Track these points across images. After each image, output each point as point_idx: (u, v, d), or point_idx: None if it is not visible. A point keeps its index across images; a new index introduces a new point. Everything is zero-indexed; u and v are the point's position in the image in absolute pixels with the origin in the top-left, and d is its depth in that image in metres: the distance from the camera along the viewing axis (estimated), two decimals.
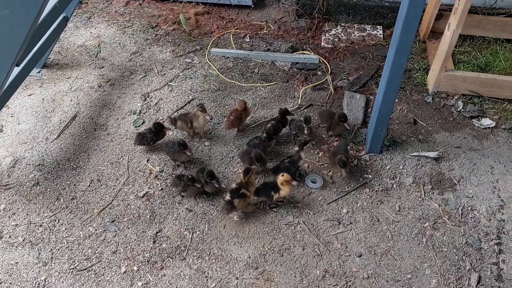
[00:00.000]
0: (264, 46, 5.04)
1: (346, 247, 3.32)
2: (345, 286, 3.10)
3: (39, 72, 4.53)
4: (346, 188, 3.70)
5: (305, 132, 3.82)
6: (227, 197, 3.31)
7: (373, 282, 3.14)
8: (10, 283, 3.00)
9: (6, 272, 3.05)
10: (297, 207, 3.55)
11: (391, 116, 4.22)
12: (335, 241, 3.35)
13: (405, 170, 3.83)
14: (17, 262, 3.10)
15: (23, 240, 3.22)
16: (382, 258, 3.27)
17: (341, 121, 3.86)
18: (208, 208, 3.49)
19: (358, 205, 3.59)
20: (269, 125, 3.87)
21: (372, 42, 5.15)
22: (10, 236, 3.24)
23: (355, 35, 5.23)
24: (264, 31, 5.30)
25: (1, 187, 3.52)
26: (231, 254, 3.23)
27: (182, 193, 3.52)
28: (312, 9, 5.31)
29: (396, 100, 4.43)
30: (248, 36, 5.20)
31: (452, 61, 4.62)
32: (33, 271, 3.07)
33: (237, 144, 4.00)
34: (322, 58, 4.87)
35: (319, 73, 4.76)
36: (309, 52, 4.95)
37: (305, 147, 3.73)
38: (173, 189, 3.56)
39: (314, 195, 3.64)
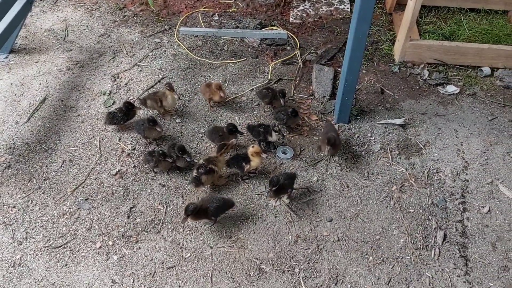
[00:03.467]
0: (233, 23, 5.06)
1: (317, 213, 3.42)
2: (316, 249, 3.21)
3: (6, 57, 4.48)
4: (316, 158, 3.78)
5: (282, 103, 3.91)
6: (194, 173, 3.37)
7: (343, 244, 3.25)
8: None
9: None
10: (269, 177, 3.62)
11: (358, 87, 4.33)
12: (306, 208, 3.44)
13: (373, 138, 3.93)
14: None
15: None
16: (351, 222, 3.38)
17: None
18: (181, 183, 3.55)
19: (328, 173, 3.68)
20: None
21: (340, 16, 5.22)
22: None
23: (323, 10, 5.28)
24: (233, 9, 5.32)
25: None
26: (205, 225, 3.30)
27: (154, 169, 3.57)
28: None
29: (364, 71, 4.52)
30: (216, 15, 5.21)
31: (417, 31, 4.72)
32: (8, 250, 3.09)
33: (208, 120, 4.04)
34: (290, 34, 4.92)
35: (288, 48, 4.82)
36: (277, 28, 4.99)
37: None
38: (146, 166, 3.60)
39: (285, 165, 3.73)
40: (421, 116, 4.11)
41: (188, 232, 3.26)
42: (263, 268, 3.09)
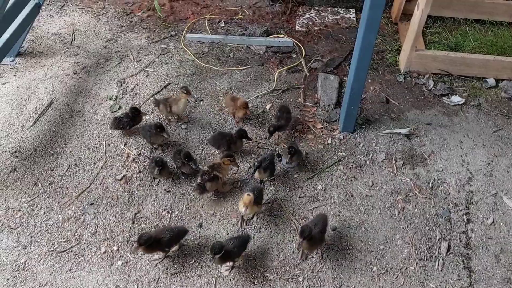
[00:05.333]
0: (239, 30, 5.09)
1: None
2: (320, 258, 3.21)
3: (13, 60, 4.50)
4: (321, 166, 3.79)
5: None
6: (198, 179, 3.37)
7: (347, 254, 3.25)
8: None
9: None
10: (274, 186, 3.63)
11: (364, 96, 4.34)
12: (311, 216, 3.44)
13: (378, 147, 3.94)
14: None
15: (1, 225, 3.24)
16: (356, 231, 3.38)
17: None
18: (186, 189, 3.56)
19: (333, 182, 3.69)
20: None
21: (346, 25, 5.24)
22: None
23: (329, 19, 5.31)
24: (239, 16, 5.34)
25: None
26: (209, 232, 3.30)
27: (155, 177, 3.57)
28: None
29: (369, 80, 4.54)
30: (223, 21, 5.23)
31: (423, 41, 4.74)
32: (12, 254, 3.09)
33: (214, 127, 4.05)
34: (296, 41, 4.95)
35: (294, 56, 4.84)
36: (283, 36, 5.01)
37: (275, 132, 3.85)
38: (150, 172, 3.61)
39: (290, 174, 3.73)
40: (426, 126, 4.12)
41: (192, 239, 3.26)
42: (267, 276, 3.08)
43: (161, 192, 3.53)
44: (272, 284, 3.05)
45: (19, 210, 3.33)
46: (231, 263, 3.07)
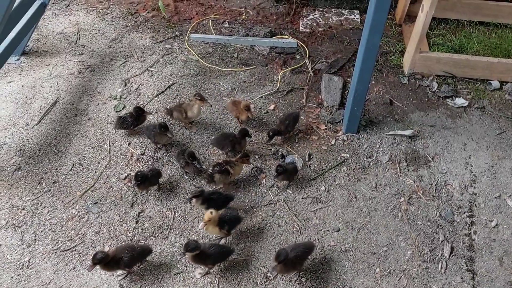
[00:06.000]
0: (243, 31, 5.09)
1: (325, 223, 3.42)
2: (323, 259, 3.21)
3: (18, 59, 4.52)
4: (324, 167, 3.79)
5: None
6: (210, 169, 3.43)
7: (350, 255, 3.26)
8: None
9: None
10: (277, 187, 3.64)
11: (367, 98, 4.34)
12: (314, 217, 3.45)
13: (381, 149, 3.94)
14: (0, 244, 3.14)
15: (6, 223, 3.25)
16: (359, 233, 3.38)
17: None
18: (190, 189, 3.56)
19: (336, 183, 3.69)
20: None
21: (350, 26, 5.24)
22: None
23: (333, 20, 5.31)
24: (243, 16, 5.35)
25: None
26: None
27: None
28: None
29: (373, 82, 4.54)
30: (227, 22, 5.24)
31: (427, 43, 4.74)
32: (16, 252, 3.11)
33: (218, 127, 4.06)
34: (300, 42, 4.95)
35: (298, 57, 4.84)
36: (287, 37, 5.02)
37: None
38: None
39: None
40: (430, 128, 4.12)
41: (196, 238, 3.26)
42: (270, 276, 3.09)
43: (164, 192, 3.54)
44: (275, 284, 3.06)
45: (23, 209, 3.35)
46: (206, 268, 3.02)
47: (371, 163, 3.83)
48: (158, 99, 4.29)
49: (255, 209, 3.48)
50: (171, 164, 3.74)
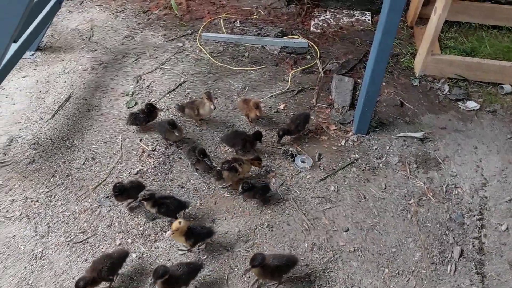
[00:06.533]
0: (254, 30, 5.12)
1: (334, 222, 3.44)
2: (332, 258, 3.22)
3: (32, 54, 4.58)
4: (334, 167, 3.81)
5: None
6: (219, 166, 3.46)
7: (359, 255, 3.26)
8: (8, 255, 3.08)
9: (4, 244, 3.13)
10: (286, 186, 3.66)
11: (378, 99, 4.35)
12: (323, 217, 3.46)
13: (392, 150, 3.95)
14: (14, 235, 3.18)
15: (20, 215, 3.30)
16: (368, 233, 3.39)
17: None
18: (200, 185, 3.59)
19: (346, 183, 3.70)
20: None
21: (361, 27, 5.25)
22: (7, 211, 3.32)
23: (344, 21, 5.33)
24: (254, 16, 5.38)
25: None
26: (222, 228, 3.33)
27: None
28: None
29: (384, 83, 4.54)
30: (238, 21, 5.27)
31: (438, 46, 4.74)
32: (30, 243, 3.15)
33: (227, 125, 4.09)
34: (311, 43, 4.97)
35: (308, 57, 4.86)
36: (298, 37, 5.04)
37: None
38: (165, 167, 3.66)
39: (303, 174, 3.75)
40: (441, 131, 4.12)
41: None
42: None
43: (175, 187, 3.57)
44: (284, 282, 3.07)
45: (37, 201, 3.39)
46: None
47: (380, 164, 3.84)
48: (170, 97, 4.32)
49: (264, 207, 3.50)
50: (182, 160, 3.77)
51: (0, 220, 3.27)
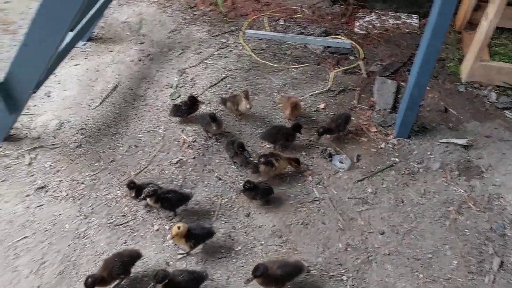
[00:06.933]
0: (298, 29, 5.14)
1: (370, 224, 3.41)
2: (366, 260, 3.20)
3: (84, 44, 4.78)
4: (372, 169, 3.78)
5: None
6: (256, 160, 3.52)
7: (393, 259, 3.23)
8: (54, 232, 3.24)
9: (50, 222, 3.30)
10: (323, 185, 3.66)
11: (422, 103, 4.27)
12: (359, 218, 3.44)
13: (433, 156, 3.87)
14: (60, 214, 3.35)
15: (66, 195, 3.47)
16: (404, 237, 3.35)
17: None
18: (237, 178, 3.65)
19: (384, 186, 3.67)
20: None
21: (407, 30, 5.17)
22: (54, 191, 3.49)
23: (390, 23, 5.26)
24: (298, 15, 5.40)
25: (47, 146, 3.78)
26: (256, 222, 3.38)
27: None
28: None
29: (428, 88, 4.46)
30: (282, 20, 5.31)
31: (487, 52, 4.60)
32: (74, 223, 3.30)
33: (267, 121, 4.12)
34: (354, 44, 4.93)
35: (351, 57, 4.83)
36: (342, 37, 5.02)
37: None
38: (204, 158, 3.74)
39: (340, 174, 3.74)
40: (485, 139, 4.00)
41: (240, 226, 3.35)
42: (311, 271, 3.12)
43: (213, 179, 3.64)
44: (315, 279, 3.08)
45: (83, 183, 3.55)
46: None
47: (421, 169, 3.78)
48: (211, 91, 4.41)
49: (299, 205, 3.51)
50: (221, 153, 3.83)
51: (48, 199, 3.44)
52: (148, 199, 3.19)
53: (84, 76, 4.44)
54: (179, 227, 2.97)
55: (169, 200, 3.23)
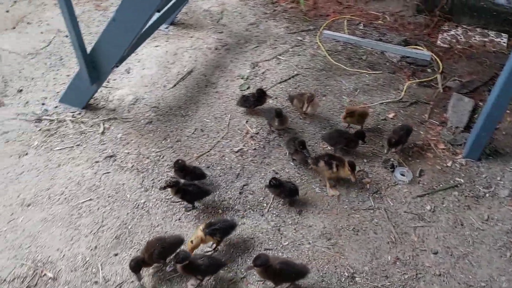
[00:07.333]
0: (377, 35, 5.05)
1: (423, 242, 3.30)
2: (414, 277, 3.11)
3: (166, 27, 5.03)
4: (434, 187, 3.64)
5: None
6: (318, 156, 3.53)
7: (443, 281, 3.10)
8: (116, 199, 3.47)
9: (114, 189, 3.53)
10: (380, 195, 3.59)
11: (498, 126, 4.05)
12: (412, 234, 3.34)
13: (502, 182, 3.66)
14: (123, 184, 3.57)
15: (132, 167, 3.69)
16: (458, 261, 3.21)
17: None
18: (293, 175, 3.68)
19: (444, 206, 3.53)
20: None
21: (493, 49, 4.90)
22: (121, 161, 3.73)
23: (475, 39, 5.01)
24: (379, 21, 5.30)
25: (121, 119, 4.05)
26: (307, 221, 3.39)
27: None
28: (434, 6, 5.18)
29: (508, 111, 4.20)
30: (362, 24, 5.23)
31: None
32: (135, 193, 3.50)
33: (331, 123, 4.11)
34: (435, 56, 4.76)
35: (429, 70, 4.67)
36: (422, 48, 4.86)
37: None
38: (264, 151, 3.81)
39: (400, 187, 3.65)
40: None
41: (290, 222, 3.38)
42: (355, 278, 3.08)
43: (270, 172, 3.70)
44: (359, 287, 3.04)
45: (148, 158, 3.76)
46: (197, 280, 2.96)
47: (487, 194, 3.58)
48: (280, 86, 4.46)
49: (353, 211, 3.48)
50: (281, 148, 3.88)
51: (114, 168, 3.68)
52: (169, 189, 3.24)
53: (163, 58, 4.68)
54: (192, 241, 3.00)
55: (189, 193, 3.27)
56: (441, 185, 3.65)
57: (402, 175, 3.71)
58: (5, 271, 3.03)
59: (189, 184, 3.32)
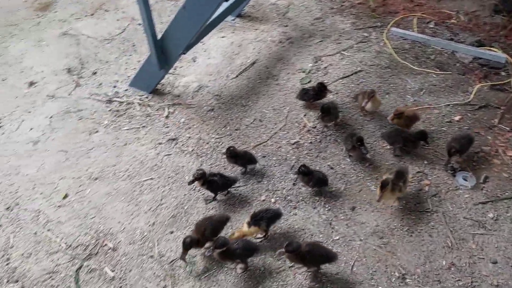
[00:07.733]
0: (448, 35, 4.85)
1: (482, 250, 3.15)
2: (469, 284, 2.98)
3: (233, 19, 5.15)
4: (499, 195, 3.46)
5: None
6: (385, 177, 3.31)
7: None
8: (175, 180, 3.63)
9: (174, 170, 3.70)
10: (439, 198, 3.46)
11: None
12: (471, 241, 3.20)
13: None
14: (183, 166, 3.73)
15: (192, 151, 3.84)
16: None
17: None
18: (349, 171, 3.65)
19: (508, 215, 3.34)
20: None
21: None
22: (183, 144, 3.90)
23: None
24: (452, 20, 5.08)
25: (185, 104, 4.22)
26: (360, 218, 3.35)
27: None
28: None
29: None
30: (433, 22, 5.05)
31: None
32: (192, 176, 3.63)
33: (391, 123, 4.00)
34: (510, 59, 4.49)
35: (503, 73, 4.42)
36: (497, 50, 4.60)
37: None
38: (320, 145, 3.81)
39: (461, 192, 3.50)
40: None
41: (342, 217, 3.36)
42: (406, 279, 3.01)
43: (325, 166, 3.69)
44: (414, 284, 2.97)
45: (208, 143, 3.89)
46: (243, 264, 3.03)
47: None
48: (342, 82, 4.42)
49: (408, 212, 3.39)
50: (338, 144, 3.86)
51: (175, 150, 3.85)
52: (197, 181, 3.31)
53: (228, 49, 4.81)
54: (249, 223, 3.09)
55: (214, 183, 3.32)
56: (506, 194, 3.46)
57: (465, 179, 3.56)
58: (71, 238, 3.28)
59: (214, 174, 3.38)
